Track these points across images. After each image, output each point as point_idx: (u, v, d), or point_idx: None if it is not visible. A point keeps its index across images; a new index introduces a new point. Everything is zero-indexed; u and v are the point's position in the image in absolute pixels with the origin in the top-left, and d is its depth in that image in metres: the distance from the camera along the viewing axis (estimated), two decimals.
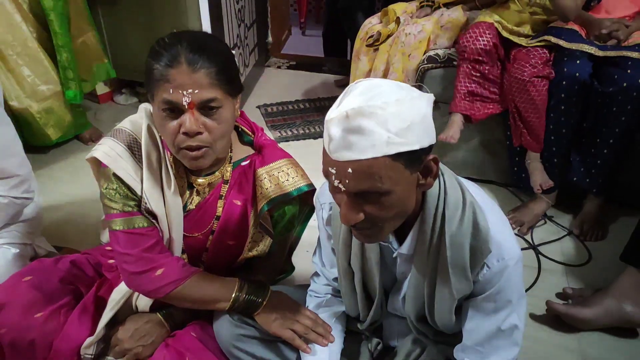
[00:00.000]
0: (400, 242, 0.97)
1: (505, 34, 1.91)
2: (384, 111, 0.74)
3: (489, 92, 1.94)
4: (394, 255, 1.00)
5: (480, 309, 0.96)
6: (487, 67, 1.91)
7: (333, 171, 0.79)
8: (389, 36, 2.23)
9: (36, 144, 2.32)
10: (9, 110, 2.12)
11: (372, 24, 2.32)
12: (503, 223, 0.95)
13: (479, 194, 0.96)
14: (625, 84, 1.67)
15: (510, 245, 0.92)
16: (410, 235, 0.95)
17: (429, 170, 0.84)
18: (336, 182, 0.79)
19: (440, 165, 0.91)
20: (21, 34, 2.07)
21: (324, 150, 0.80)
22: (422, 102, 0.79)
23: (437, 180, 0.90)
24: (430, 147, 0.81)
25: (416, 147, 0.77)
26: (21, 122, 2.19)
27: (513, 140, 1.95)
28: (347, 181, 0.78)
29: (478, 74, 1.92)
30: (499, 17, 1.96)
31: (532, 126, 1.84)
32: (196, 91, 0.97)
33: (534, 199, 2.02)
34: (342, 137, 0.75)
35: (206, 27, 2.32)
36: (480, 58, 1.89)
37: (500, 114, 1.98)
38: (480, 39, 1.87)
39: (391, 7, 2.30)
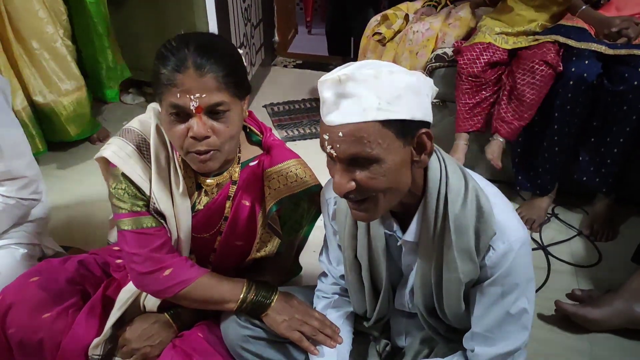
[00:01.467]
0: (404, 230, 0.97)
1: (509, 45, 1.89)
2: (375, 79, 0.77)
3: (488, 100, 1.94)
4: (399, 243, 0.99)
5: (488, 293, 0.95)
6: (484, 83, 1.90)
7: (326, 137, 0.81)
8: (396, 33, 2.21)
9: (56, 139, 2.36)
10: (32, 105, 2.17)
11: (377, 22, 2.31)
12: (507, 206, 0.95)
13: (481, 180, 0.96)
14: (635, 83, 1.66)
15: (515, 227, 0.91)
16: (414, 222, 0.95)
17: (423, 145, 0.84)
18: (328, 148, 0.82)
19: (441, 151, 0.93)
20: (46, 29, 2.10)
21: (321, 120, 0.83)
22: (418, 77, 0.81)
23: (438, 165, 0.91)
24: (424, 122, 0.82)
25: (407, 117, 0.79)
26: (43, 117, 2.23)
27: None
28: (337, 145, 0.80)
29: (476, 87, 1.91)
30: (500, 28, 1.95)
31: (519, 111, 1.83)
32: (204, 95, 0.96)
33: (536, 196, 2.00)
34: (333, 101, 0.79)
35: (213, 26, 2.32)
36: (476, 80, 1.88)
37: None
38: (477, 61, 1.86)
39: (391, 11, 2.28)
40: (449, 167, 0.92)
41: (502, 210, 0.92)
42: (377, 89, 0.77)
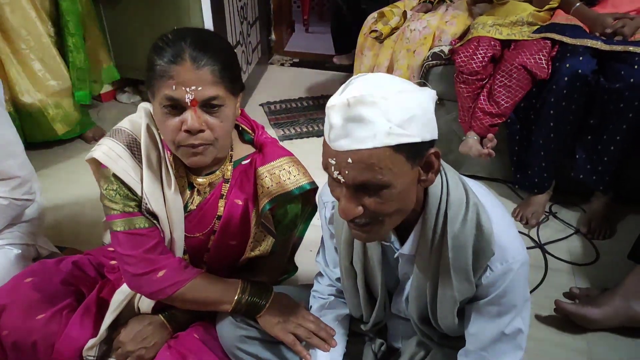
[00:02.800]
0: (402, 242, 0.95)
1: (504, 35, 1.88)
2: (386, 101, 0.72)
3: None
4: (395, 255, 0.98)
5: (484, 312, 0.94)
6: (483, 80, 1.89)
7: (333, 162, 0.77)
8: (393, 30, 2.20)
9: (41, 139, 2.34)
10: (18, 104, 2.16)
11: (374, 19, 2.30)
12: (508, 225, 0.93)
13: (484, 194, 0.94)
14: (632, 80, 1.65)
15: (514, 248, 0.90)
16: (412, 236, 0.93)
17: (431, 165, 0.82)
18: (335, 174, 0.78)
19: (444, 163, 0.90)
20: (35, 29, 2.09)
21: (324, 141, 0.79)
22: (425, 96, 0.78)
23: (439, 179, 0.88)
24: (432, 142, 0.79)
25: (418, 139, 0.75)
26: (27, 116, 2.21)
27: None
28: (346, 172, 0.76)
29: (476, 89, 1.90)
30: (493, 20, 1.94)
31: (494, 111, 1.84)
32: (199, 88, 0.96)
33: (534, 194, 2.00)
34: (342, 126, 0.74)
35: (208, 24, 2.31)
36: (474, 77, 1.87)
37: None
38: (474, 57, 1.85)
39: (387, 8, 2.27)
40: (450, 181, 0.90)
41: (503, 228, 0.90)
42: (387, 111, 0.72)
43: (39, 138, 2.33)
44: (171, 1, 2.44)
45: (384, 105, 0.72)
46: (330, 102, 0.76)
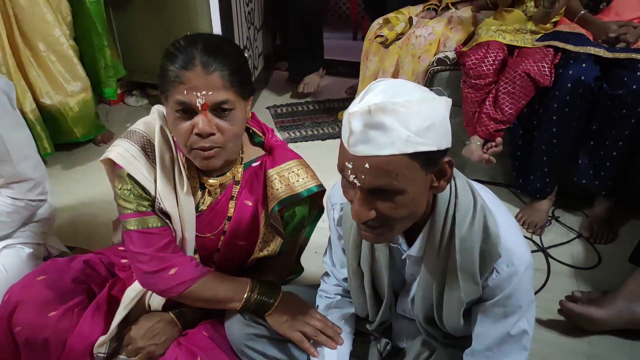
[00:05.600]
0: (410, 243, 0.97)
1: (508, 40, 1.90)
2: (405, 109, 0.74)
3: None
4: (403, 257, 1.00)
5: (490, 313, 0.97)
6: (491, 85, 1.90)
7: (349, 166, 0.79)
8: (399, 36, 2.23)
9: (62, 141, 2.38)
10: (39, 106, 2.19)
11: (379, 24, 2.32)
12: (514, 228, 0.95)
13: (490, 199, 0.96)
14: (635, 87, 1.67)
15: (520, 251, 0.92)
16: (420, 238, 0.95)
17: (444, 172, 0.84)
18: (351, 177, 0.80)
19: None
20: (54, 32, 2.12)
21: (341, 145, 0.81)
22: (442, 104, 0.80)
23: (448, 183, 0.90)
24: (447, 150, 0.81)
25: (434, 148, 0.77)
26: (50, 118, 2.25)
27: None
28: (362, 176, 0.78)
29: (483, 94, 1.92)
30: (497, 26, 1.96)
31: (499, 117, 1.86)
32: (210, 93, 0.98)
33: (536, 199, 2.02)
34: (362, 132, 0.76)
35: (217, 29, 2.34)
36: (483, 82, 1.88)
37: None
38: (485, 61, 1.87)
39: (393, 14, 2.30)
40: (459, 185, 0.92)
41: (509, 232, 0.92)
42: (406, 119, 0.74)
43: (60, 140, 2.36)
44: (180, 5, 2.46)
45: (404, 113, 0.74)
46: (351, 109, 0.78)
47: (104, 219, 1.97)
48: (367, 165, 0.77)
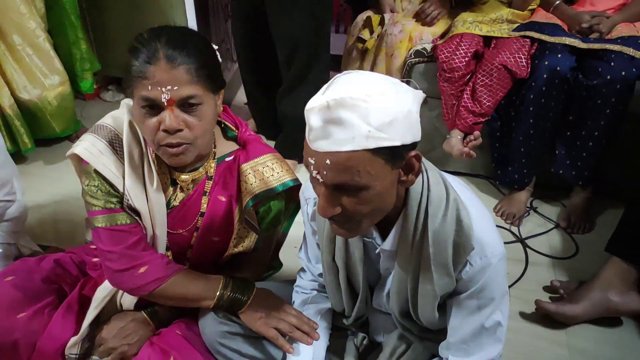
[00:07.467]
0: (384, 237, 0.96)
1: (484, 32, 1.90)
2: (366, 104, 0.72)
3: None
4: (377, 251, 0.99)
5: (464, 306, 0.96)
6: (465, 77, 1.90)
7: (312, 161, 0.77)
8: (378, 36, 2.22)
9: (42, 136, 2.33)
10: (17, 101, 2.14)
11: (362, 21, 2.29)
12: (486, 220, 0.94)
13: (463, 191, 0.95)
14: (609, 77, 1.68)
15: (493, 243, 0.91)
16: (393, 232, 0.94)
17: (411, 167, 0.82)
18: (314, 173, 0.78)
19: (424, 160, 0.90)
20: (29, 24, 2.07)
21: (305, 140, 0.79)
22: (408, 98, 0.77)
23: (420, 176, 0.89)
24: (414, 144, 0.79)
25: (397, 143, 0.75)
26: (28, 113, 2.20)
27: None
28: (324, 172, 0.77)
29: (460, 87, 1.92)
30: (473, 18, 1.97)
31: (477, 110, 1.87)
32: (175, 88, 0.96)
33: (515, 190, 2.03)
34: (321, 128, 0.74)
35: (192, 22, 2.29)
36: (456, 75, 1.88)
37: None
38: (456, 53, 1.87)
39: (373, 14, 2.27)
40: (431, 178, 0.90)
41: (481, 223, 0.91)
42: (367, 114, 0.72)
43: (39, 135, 2.31)
44: None
45: (364, 108, 0.72)
46: (310, 104, 0.75)
47: (77, 217, 1.94)
48: (328, 162, 0.75)
